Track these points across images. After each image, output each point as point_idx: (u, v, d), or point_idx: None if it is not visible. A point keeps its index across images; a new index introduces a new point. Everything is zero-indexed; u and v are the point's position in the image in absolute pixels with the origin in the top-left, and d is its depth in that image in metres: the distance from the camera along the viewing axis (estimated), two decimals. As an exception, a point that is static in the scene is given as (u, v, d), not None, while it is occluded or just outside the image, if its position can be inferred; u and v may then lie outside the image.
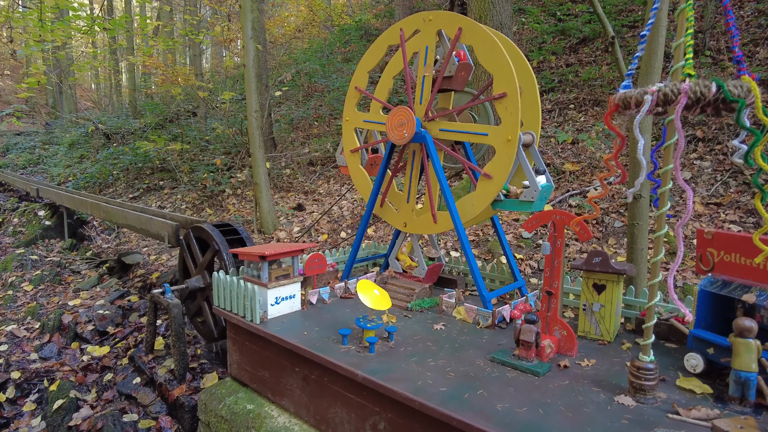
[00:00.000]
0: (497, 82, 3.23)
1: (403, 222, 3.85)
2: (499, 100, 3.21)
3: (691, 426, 2.02)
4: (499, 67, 3.22)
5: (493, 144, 3.27)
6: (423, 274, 3.75)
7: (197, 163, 11.85)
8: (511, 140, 3.16)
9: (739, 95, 1.73)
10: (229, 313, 3.47)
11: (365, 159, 4.12)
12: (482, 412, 2.13)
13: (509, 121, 3.18)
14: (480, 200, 3.35)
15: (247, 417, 3.28)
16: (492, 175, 3.25)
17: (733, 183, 6.88)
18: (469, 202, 3.42)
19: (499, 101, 3.21)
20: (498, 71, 3.22)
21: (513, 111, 3.16)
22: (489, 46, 3.26)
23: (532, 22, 12.72)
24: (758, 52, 8.90)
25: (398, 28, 3.85)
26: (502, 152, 3.22)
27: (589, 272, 2.87)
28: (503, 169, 3.21)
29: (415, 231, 3.77)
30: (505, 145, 3.20)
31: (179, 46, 17.33)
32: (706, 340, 2.45)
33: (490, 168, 3.26)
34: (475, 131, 3.38)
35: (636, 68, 2.07)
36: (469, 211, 3.42)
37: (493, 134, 3.28)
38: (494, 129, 3.30)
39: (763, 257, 1.98)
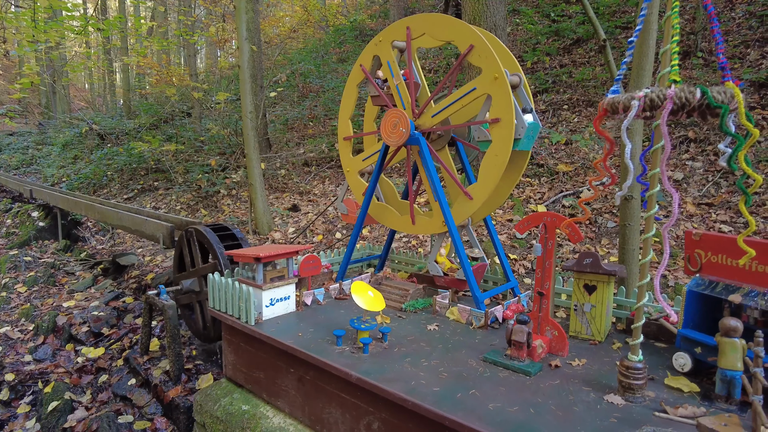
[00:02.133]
0: (460, 44, 3.33)
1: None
2: (470, 54, 3.30)
3: (677, 424, 2.06)
4: (456, 32, 3.34)
5: (485, 90, 3.26)
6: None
7: (192, 164, 11.84)
8: (498, 77, 3.19)
9: (723, 101, 1.77)
10: (225, 314, 3.49)
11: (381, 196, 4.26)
12: (474, 412, 2.16)
13: (488, 64, 3.25)
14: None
15: (243, 418, 3.30)
16: (500, 117, 3.21)
17: (724, 184, 6.96)
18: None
19: (470, 55, 3.29)
20: (457, 36, 3.35)
21: (487, 55, 3.24)
22: (440, 24, 3.39)
23: (527, 23, 12.79)
24: (749, 53, 8.99)
25: (358, 65, 4.05)
26: (496, 93, 3.21)
27: (580, 273, 2.91)
28: (507, 109, 3.18)
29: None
30: (495, 84, 3.20)
31: (174, 47, 17.29)
32: (694, 340, 2.49)
33: (495, 112, 3.24)
34: (462, 93, 3.38)
35: (625, 73, 2.11)
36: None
37: (480, 82, 3.29)
38: (479, 78, 3.30)
39: (747, 258, 2.03)
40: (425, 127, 3.61)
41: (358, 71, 4.07)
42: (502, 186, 3.72)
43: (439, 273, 3.61)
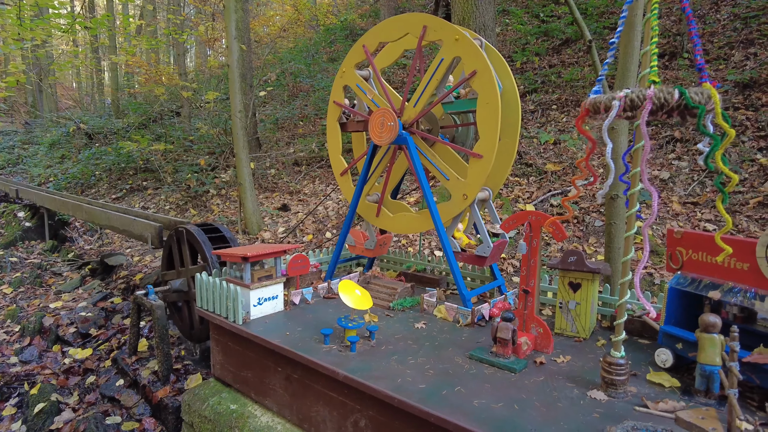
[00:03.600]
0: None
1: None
2: (426, 35, 3.42)
3: (657, 418, 2.10)
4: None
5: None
6: (488, 252, 3.41)
7: (181, 164, 11.77)
8: (459, 38, 3.34)
9: (700, 102, 1.81)
10: (212, 314, 3.49)
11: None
12: (460, 409, 2.19)
13: (446, 32, 3.38)
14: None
15: (231, 417, 3.31)
16: (476, 69, 3.32)
17: (709, 183, 7.05)
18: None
19: (426, 36, 3.42)
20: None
21: (441, 25, 3.37)
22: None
23: (516, 23, 12.86)
24: (734, 54, 9.12)
25: (332, 102, 4.19)
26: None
27: (564, 271, 2.95)
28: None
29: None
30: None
31: (163, 46, 17.16)
32: (675, 336, 2.54)
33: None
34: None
35: (607, 74, 2.14)
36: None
37: (444, 51, 3.41)
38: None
39: (724, 255, 2.07)
40: (411, 120, 3.63)
41: (334, 107, 4.20)
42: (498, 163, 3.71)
43: (457, 248, 3.55)
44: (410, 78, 3.60)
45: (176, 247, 5.19)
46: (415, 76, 3.76)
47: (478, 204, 3.59)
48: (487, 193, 3.59)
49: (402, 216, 3.86)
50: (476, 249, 3.44)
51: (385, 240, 4.13)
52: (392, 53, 4.01)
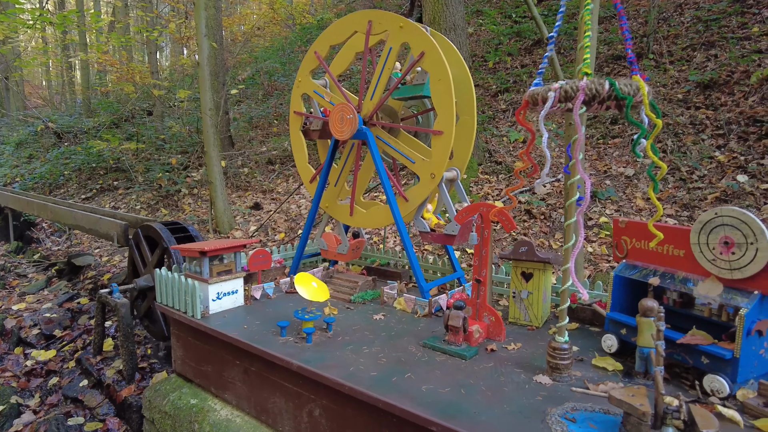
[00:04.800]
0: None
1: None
2: (372, 30, 3.47)
3: (597, 399, 2.18)
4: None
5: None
6: (456, 231, 3.29)
7: (153, 163, 11.61)
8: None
9: (629, 93, 1.89)
10: (171, 309, 3.47)
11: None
12: (407, 394, 2.23)
13: (389, 23, 3.45)
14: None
15: (191, 411, 3.30)
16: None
17: (672, 179, 7.27)
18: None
19: (372, 29, 3.47)
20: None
21: (385, 18, 3.45)
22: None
23: (489, 23, 13.03)
24: (695, 56, 9.41)
25: (293, 113, 4.23)
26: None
27: (516, 261, 3.02)
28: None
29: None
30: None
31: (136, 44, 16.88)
32: (620, 322, 2.63)
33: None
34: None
35: (546, 67, 2.21)
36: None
37: (391, 40, 3.48)
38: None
39: (656, 241, 2.16)
40: (370, 113, 3.68)
41: (296, 117, 4.24)
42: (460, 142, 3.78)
43: (426, 229, 3.56)
44: (363, 73, 3.67)
45: (143, 245, 5.14)
46: (369, 71, 3.83)
47: (447, 184, 3.63)
48: (455, 173, 3.62)
49: (376, 209, 3.89)
50: (445, 228, 3.47)
51: (358, 244, 4.12)
52: (345, 58, 4.09)
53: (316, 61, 4.03)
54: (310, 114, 4.21)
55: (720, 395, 2.20)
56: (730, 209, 2.24)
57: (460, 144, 3.71)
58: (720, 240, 2.27)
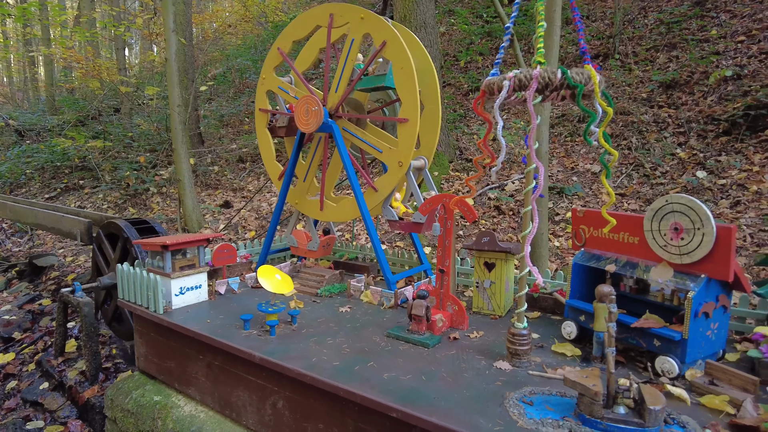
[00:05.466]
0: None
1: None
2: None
3: (555, 383, 2.23)
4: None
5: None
6: (424, 219, 3.36)
7: (120, 161, 11.34)
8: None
9: (580, 81, 1.94)
10: (134, 304, 3.40)
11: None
12: (368, 382, 2.24)
13: (350, 15, 3.47)
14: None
15: (154, 409, 3.24)
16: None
17: (636, 175, 7.48)
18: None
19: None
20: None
21: (345, 10, 3.46)
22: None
23: (461, 23, 13.16)
24: (659, 57, 9.70)
25: (258, 110, 4.19)
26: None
27: (479, 251, 3.06)
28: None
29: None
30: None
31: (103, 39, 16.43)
32: (579, 309, 2.69)
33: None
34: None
35: (502, 58, 2.25)
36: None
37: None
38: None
39: (609, 227, 2.23)
40: (335, 105, 3.68)
41: (261, 114, 4.23)
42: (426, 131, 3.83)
43: (395, 217, 3.57)
44: (327, 66, 3.67)
45: (106, 243, 5.01)
46: (333, 65, 3.84)
47: (414, 173, 3.64)
48: (423, 162, 3.64)
49: (346, 202, 3.87)
50: (413, 216, 3.49)
51: (329, 241, 4.10)
52: (309, 54, 4.08)
53: (279, 58, 4.01)
54: (276, 111, 4.18)
55: (670, 375, 2.28)
56: (680, 196, 2.32)
57: (426, 133, 3.75)
58: (670, 226, 2.35)
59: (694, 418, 1.95)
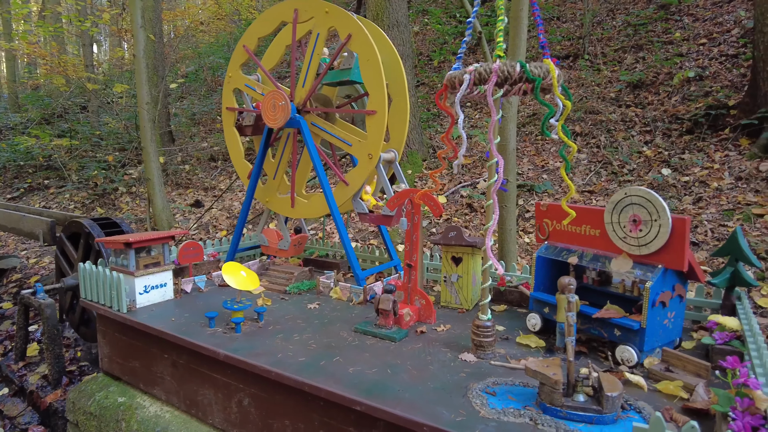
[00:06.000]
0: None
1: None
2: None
3: (518, 373, 2.26)
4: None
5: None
6: (393, 213, 3.41)
7: (88, 160, 11.03)
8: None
9: (539, 75, 1.97)
10: (96, 304, 3.32)
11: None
12: (334, 377, 2.24)
13: (314, 8, 3.46)
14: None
15: (118, 410, 3.16)
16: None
17: (604, 173, 7.64)
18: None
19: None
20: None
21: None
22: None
23: (435, 23, 13.24)
24: (626, 57, 9.94)
25: (225, 109, 4.15)
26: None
27: (447, 246, 3.09)
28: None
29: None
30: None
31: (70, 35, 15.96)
32: (543, 301, 2.73)
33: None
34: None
35: (464, 52, 2.27)
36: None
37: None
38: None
39: (569, 219, 2.27)
40: (303, 100, 3.66)
41: (228, 113, 4.18)
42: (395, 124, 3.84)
43: (365, 210, 3.56)
44: (293, 61, 3.66)
45: (70, 243, 4.88)
46: (299, 59, 3.83)
47: (385, 166, 3.65)
48: (393, 155, 3.65)
49: (317, 197, 3.83)
50: (382, 209, 3.48)
51: (300, 240, 4.06)
52: (276, 51, 4.04)
53: (245, 55, 3.99)
54: (243, 109, 4.14)
55: (629, 364, 2.34)
56: (638, 189, 2.39)
57: (395, 126, 3.78)
58: (629, 218, 2.41)
59: (650, 404, 2.00)
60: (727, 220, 5.83)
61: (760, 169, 6.22)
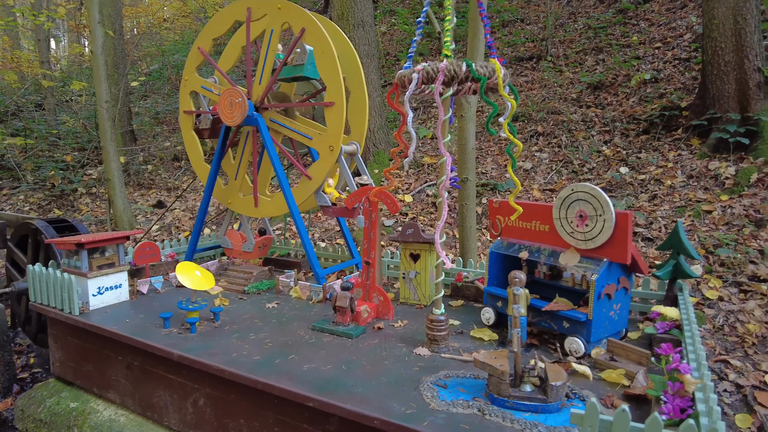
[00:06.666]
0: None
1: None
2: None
3: (469, 366, 2.31)
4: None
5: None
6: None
7: (44, 160, 10.65)
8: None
9: (484, 74, 2.03)
10: (47, 307, 3.22)
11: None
12: (288, 374, 2.24)
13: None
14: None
15: (70, 416, 3.08)
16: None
17: (565, 171, 7.84)
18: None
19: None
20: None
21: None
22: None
23: (401, 23, 13.32)
24: (587, 60, 10.23)
25: (182, 113, 4.12)
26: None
27: (405, 243, 3.13)
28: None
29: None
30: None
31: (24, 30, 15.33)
32: (496, 295, 2.80)
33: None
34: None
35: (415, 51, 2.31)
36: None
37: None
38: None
39: (516, 215, 2.34)
40: (260, 97, 3.65)
41: (186, 117, 4.14)
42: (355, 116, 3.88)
43: (327, 203, 3.55)
44: (248, 60, 3.66)
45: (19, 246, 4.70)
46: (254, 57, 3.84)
47: (347, 158, 3.64)
48: (355, 147, 3.66)
49: (280, 195, 3.77)
50: (344, 202, 3.46)
51: (265, 242, 3.99)
52: (232, 53, 4.01)
53: (201, 57, 3.97)
54: (200, 111, 4.08)
55: (577, 355, 2.42)
56: (583, 185, 2.47)
57: (355, 119, 3.82)
58: (576, 214, 2.50)
59: (594, 392, 2.08)
60: (680, 216, 6.08)
61: (708, 167, 6.51)
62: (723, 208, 5.84)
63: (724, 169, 6.31)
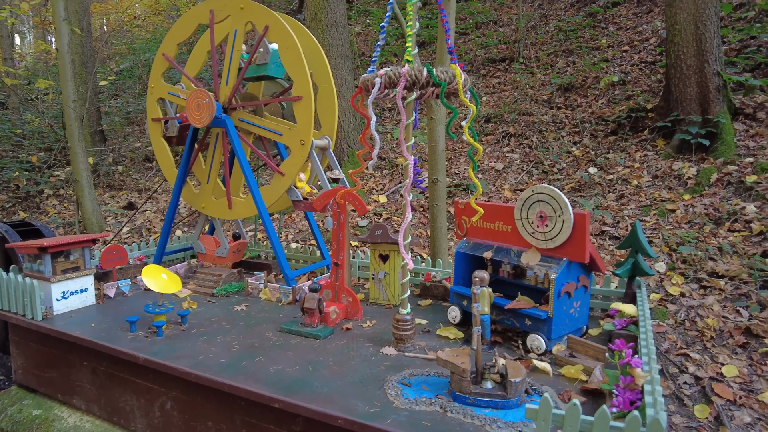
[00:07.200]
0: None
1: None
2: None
3: (434, 365, 2.36)
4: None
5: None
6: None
7: (8, 161, 10.33)
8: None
9: (444, 79, 2.08)
10: (9, 313, 3.15)
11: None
12: (254, 376, 2.25)
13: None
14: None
15: (32, 424, 3.02)
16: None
17: (536, 172, 7.99)
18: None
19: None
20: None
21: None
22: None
23: (376, 23, 13.36)
24: (558, 62, 10.44)
25: (150, 121, 4.08)
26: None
27: (374, 244, 3.16)
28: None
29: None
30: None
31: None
32: (462, 294, 2.86)
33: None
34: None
35: (378, 55, 2.35)
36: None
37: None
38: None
39: (478, 216, 2.40)
40: (228, 98, 3.64)
41: (154, 125, 4.10)
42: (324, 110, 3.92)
43: (299, 198, 3.54)
44: (214, 61, 3.65)
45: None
46: (220, 60, 3.83)
47: (318, 153, 3.66)
48: (326, 141, 3.68)
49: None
50: (316, 196, 3.47)
51: (240, 246, 3.97)
52: (199, 57, 3.99)
53: (166, 63, 3.96)
54: (168, 117, 4.05)
55: (539, 351, 2.49)
56: (543, 186, 2.55)
57: (325, 113, 3.86)
58: (536, 214, 2.57)
59: (553, 388, 2.15)
60: (645, 215, 6.27)
61: (672, 168, 6.73)
62: (685, 207, 6.05)
63: (686, 169, 6.53)
